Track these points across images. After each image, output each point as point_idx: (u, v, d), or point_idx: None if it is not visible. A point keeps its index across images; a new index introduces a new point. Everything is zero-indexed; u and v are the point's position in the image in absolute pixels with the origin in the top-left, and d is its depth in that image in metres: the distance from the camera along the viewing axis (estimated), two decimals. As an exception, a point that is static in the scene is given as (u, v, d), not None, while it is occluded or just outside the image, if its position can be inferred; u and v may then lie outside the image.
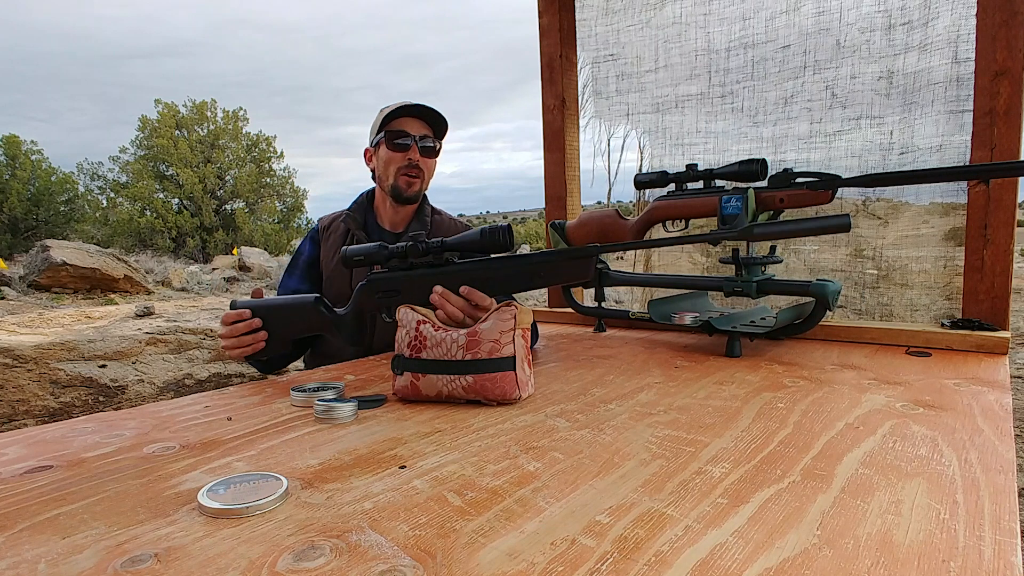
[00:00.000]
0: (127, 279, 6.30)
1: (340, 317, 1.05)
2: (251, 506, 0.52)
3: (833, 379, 0.92)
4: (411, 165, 1.41)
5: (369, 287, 1.04)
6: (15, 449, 0.70)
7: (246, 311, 1.09)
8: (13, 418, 2.48)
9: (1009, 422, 0.70)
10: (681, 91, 1.60)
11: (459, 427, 0.74)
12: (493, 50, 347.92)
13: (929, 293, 1.31)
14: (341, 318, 1.05)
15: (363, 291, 1.04)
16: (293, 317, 1.07)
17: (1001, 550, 0.43)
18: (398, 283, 1.02)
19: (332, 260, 1.48)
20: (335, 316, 1.05)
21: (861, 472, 0.57)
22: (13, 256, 10.87)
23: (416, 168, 1.41)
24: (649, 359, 1.11)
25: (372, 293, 1.04)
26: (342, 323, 1.05)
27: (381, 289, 1.03)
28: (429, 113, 1.42)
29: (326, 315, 1.05)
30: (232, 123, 17.53)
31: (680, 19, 1.57)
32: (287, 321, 1.07)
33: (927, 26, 1.26)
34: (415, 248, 1.00)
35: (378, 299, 1.04)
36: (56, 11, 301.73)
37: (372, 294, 1.04)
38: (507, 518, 0.49)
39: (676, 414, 0.76)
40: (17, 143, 15.65)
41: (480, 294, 0.96)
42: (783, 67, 1.44)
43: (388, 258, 1.02)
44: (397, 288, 1.02)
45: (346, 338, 1.05)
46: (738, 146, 1.54)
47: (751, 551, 0.43)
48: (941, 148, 1.27)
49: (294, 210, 18.59)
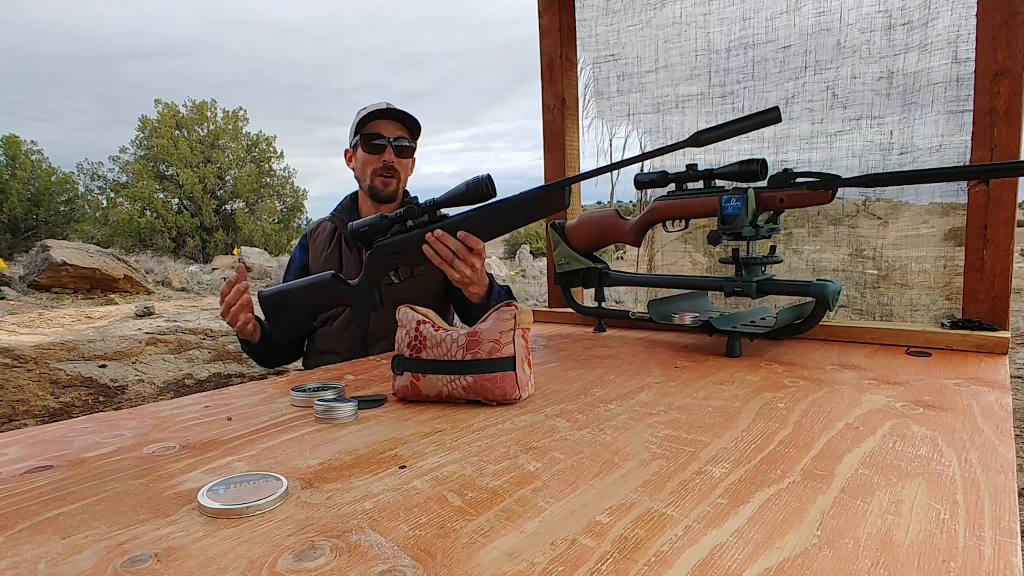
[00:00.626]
0: (127, 279, 6.30)
1: (355, 287, 1.16)
2: (251, 506, 0.52)
3: (833, 379, 0.92)
4: (386, 167, 1.49)
5: (376, 255, 1.14)
6: (15, 449, 0.70)
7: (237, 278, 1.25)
8: (13, 418, 2.47)
9: (1009, 422, 0.70)
10: (681, 91, 1.60)
11: (459, 427, 0.74)
12: (493, 50, 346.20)
13: (929, 293, 1.31)
14: (357, 287, 1.16)
15: (372, 259, 1.14)
16: (316, 294, 1.18)
17: (1001, 550, 0.43)
18: (400, 245, 1.12)
19: (321, 258, 1.57)
20: (350, 287, 1.16)
21: (861, 472, 0.57)
22: (13, 256, 10.87)
23: (391, 169, 1.50)
24: (649, 359, 1.11)
25: (380, 258, 1.14)
26: (358, 292, 1.16)
27: (386, 254, 1.14)
28: (402, 115, 1.50)
29: (343, 288, 1.16)
30: (232, 123, 17.53)
31: (680, 19, 1.57)
32: (311, 299, 1.19)
33: (927, 26, 1.26)
34: (412, 210, 1.10)
35: (385, 262, 1.14)
36: (56, 11, 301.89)
37: (380, 259, 1.14)
38: (507, 518, 0.49)
39: (676, 414, 0.76)
40: (17, 143, 15.65)
41: (474, 238, 1.07)
42: (784, 67, 1.44)
43: (390, 225, 1.12)
44: (400, 250, 1.12)
45: (363, 304, 1.16)
46: (739, 146, 1.54)
47: (751, 551, 0.43)
48: (941, 148, 1.27)
49: (294, 210, 18.60)
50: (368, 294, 1.15)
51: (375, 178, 1.50)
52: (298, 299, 1.19)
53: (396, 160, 1.50)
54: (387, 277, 1.15)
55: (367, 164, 1.50)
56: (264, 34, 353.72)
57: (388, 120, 1.50)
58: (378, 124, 1.49)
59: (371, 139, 1.48)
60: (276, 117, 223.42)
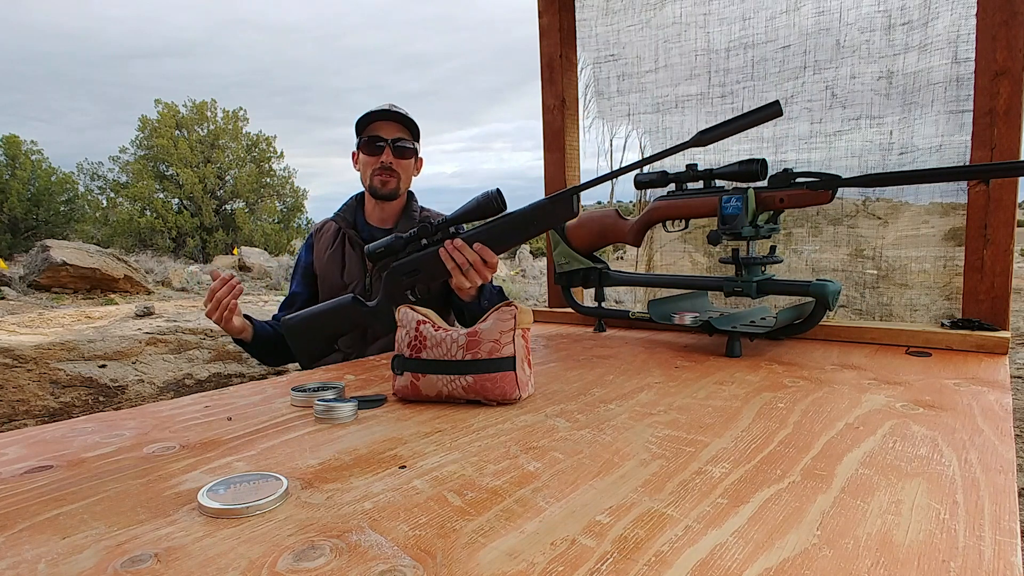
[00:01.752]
0: (127, 279, 6.30)
1: (375, 309, 1.17)
2: (251, 506, 0.51)
3: (833, 379, 0.92)
4: (384, 167, 1.52)
5: (393, 274, 1.15)
6: (15, 449, 0.70)
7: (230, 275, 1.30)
8: (13, 418, 2.47)
9: (1009, 422, 0.70)
10: (681, 91, 1.60)
11: (459, 427, 0.74)
12: (494, 50, 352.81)
13: (929, 293, 1.31)
14: (377, 309, 1.17)
15: (390, 279, 1.15)
16: (337, 318, 1.20)
17: (1001, 550, 0.43)
18: (417, 263, 1.13)
19: (324, 257, 1.59)
20: (370, 309, 1.17)
21: (861, 472, 0.57)
22: (13, 256, 10.87)
23: (389, 170, 1.53)
24: (649, 359, 1.11)
25: (398, 278, 1.15)
26: (379, 313, 1.16)
27: (403, 273, 1.14)
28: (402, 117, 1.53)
29: (363, 310, 1.18)
30: (232, 123, 17.53)
31: (680, 19, 1.57)
32: (333, 323, 1.20)
33: (927, 26, 1.26)
34: (425, 229, 1.12)
35: (403, 281, 1.14)
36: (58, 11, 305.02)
37: (398, 279, 1.15)
38: (507, 518, 0.49)
39: (676, 414, 0.76)
40: (17, 143, 15.65)
41: (490, 251, 1.08)
42: (783, 67, 1.44)
43: (405, 245, 1.13)
44: (417, 268, 1.13)
45: (383, 326, 1.16)
46: (738, 146, 1.54)
47: (751, 551, 0.43)
48: (941, 148, 1.27)
49: (294, 210, 18.60)
50: (388, 315, 1.15)
51: (374, 178, 1.53)
52: (321, 324, 1.20)
53: (395, 160, 1.52)
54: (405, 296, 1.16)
55: (367, 165, 1.54)
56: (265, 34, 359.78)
57: (387, 122, 1.53)
58: (378, 126, 1.53)
59: (370, 141, 1.52)
60: (277, 117, 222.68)
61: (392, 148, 1.52)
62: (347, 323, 1.19)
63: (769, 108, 0.91)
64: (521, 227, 1.06)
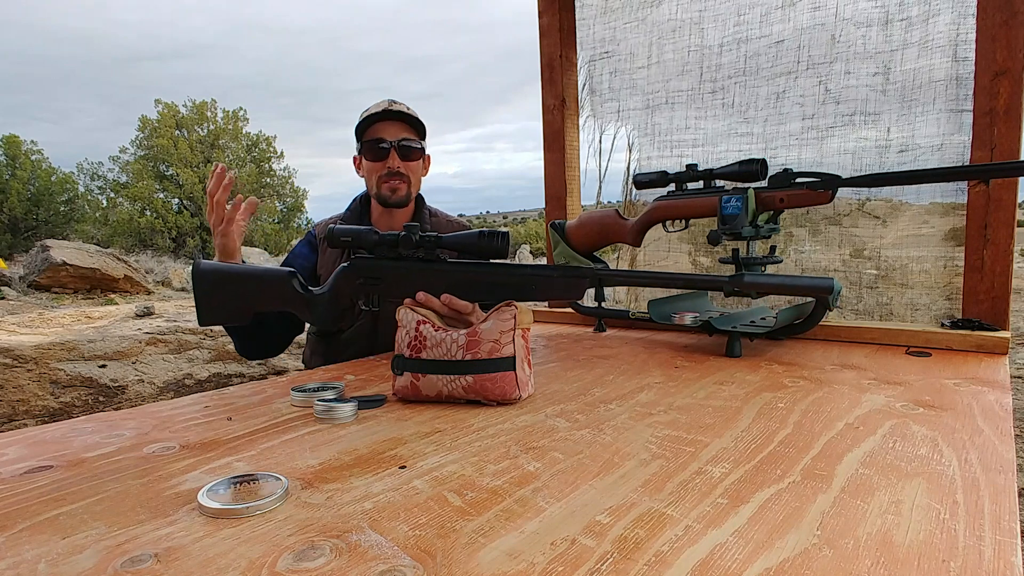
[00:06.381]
0: (127, 279, 6.30)
1: (314, 296, 1.00)
2: (251, 506, 0.52)
3: (833, 379, 0.92)
4: (391, 173, 1.39)
5: (351, 270, 0.99)
6: (15, 449, 0.70)
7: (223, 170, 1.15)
8: (13, 418, 2.48)
9: (1009, 422, 0.70)
10: (671, 87, 1.59)
11: (459, 427, 0.74)
12: (496, 52, 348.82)
13: (929, 293, 1.31)
14: (315, 297, 1.00)
15: (344, 273, 0.99)
16: (263, 287, 1.01)
17: (1001, 550, 0.43)
18: (383, 271, 0.98)
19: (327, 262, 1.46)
20: (309, 294, 1.00)
21: (861, 472, 0.57)
22: (13, 256, 10.87)
23: (397, 175, 1.39)
24: (649, 359, 1.11)
25: (354, 277, 0.99)
26: (315, 303, 1.00)
27: (364, 275, 0.98)
28: (404, 115, 1.39)
29: (299, 292, 1.00)
30: (232, 123, 17.53)
31: (675, 15, 1.57)
32: (256, 291, 1.01)
33: (927, 23, 1.26)
34: (408, 239, 0.95)
35: (359, 284, 0.99)
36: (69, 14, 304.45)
37: (354, 278, 0.99)
38: (507, 518, 0.49)
39: (676, 414, 0.76)
40: (17, 143, 15.64)
41: (461, 303, 0.92)
42: (776, 63, 1.44)
43: (376, 244, 0.97)
44: (380, 276, 0.98)
45: (317, 319, 1.00)
46: (728, 143, 1.53)
47: (751, 551, 0.43)
48: (941, 148, 1.27)
49: (294, 210, 18.59)
50: (328, 310, 0.99)
51: (381, 186, 1.40)
52: (242, 286, 1.01)
53: (403, 164, 1.39)
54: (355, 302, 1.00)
55: (372, 172, 1.41)
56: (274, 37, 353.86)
57: (389, 122, 1.40)
58: (380, 128, 1.39)
59: (373, 145, 1.39)
60: (283, 118, 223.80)
61: (398, 150, 1.38)
62: (273, 298, 1.01)
63: (823, 280, 0.92)
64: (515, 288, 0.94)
